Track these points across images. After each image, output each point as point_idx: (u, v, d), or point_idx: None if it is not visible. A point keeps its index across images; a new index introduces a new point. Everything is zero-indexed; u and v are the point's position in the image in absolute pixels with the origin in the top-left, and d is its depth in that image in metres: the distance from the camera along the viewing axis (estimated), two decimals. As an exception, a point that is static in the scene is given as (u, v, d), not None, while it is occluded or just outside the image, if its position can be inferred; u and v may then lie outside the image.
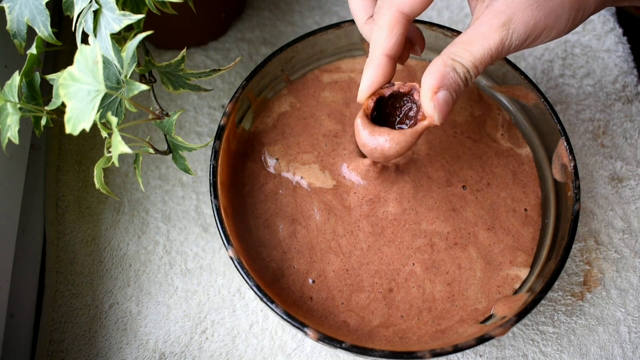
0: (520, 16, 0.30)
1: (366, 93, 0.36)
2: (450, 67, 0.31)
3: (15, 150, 0.45)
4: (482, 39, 0.31)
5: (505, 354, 0.43)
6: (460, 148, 0.43)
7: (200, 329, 0.44)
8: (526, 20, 0.30)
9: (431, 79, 0.32)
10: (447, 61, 0.32)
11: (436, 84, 0.32)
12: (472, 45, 0.31)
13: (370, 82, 0.35)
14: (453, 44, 0.32)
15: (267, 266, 0.39)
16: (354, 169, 0.41)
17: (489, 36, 0.30)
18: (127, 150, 0.30)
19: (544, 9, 0.30)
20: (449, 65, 0.31)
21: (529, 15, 0.30)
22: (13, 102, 0.34)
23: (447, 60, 0.32)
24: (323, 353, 0.44)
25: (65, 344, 0.44)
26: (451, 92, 0.32)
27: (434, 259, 0.40)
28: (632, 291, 0.45)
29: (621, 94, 0.53)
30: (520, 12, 0.30)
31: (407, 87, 0.35)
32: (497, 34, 0.30)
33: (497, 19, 0.30)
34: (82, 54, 0.29)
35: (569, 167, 0.39)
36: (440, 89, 0.32)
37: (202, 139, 0.51)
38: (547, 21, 0.30)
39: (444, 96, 0.32)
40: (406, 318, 0.38)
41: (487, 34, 0.30)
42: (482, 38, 0.31)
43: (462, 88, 0.32)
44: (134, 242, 0.47)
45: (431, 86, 0.32)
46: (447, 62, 0.31)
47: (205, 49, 0.55)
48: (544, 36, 0.31)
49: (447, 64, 0.31)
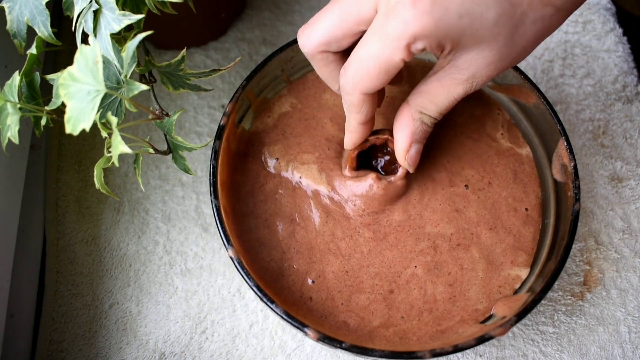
0: (483, 73, 0.31)
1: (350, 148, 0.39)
2: (418, 120, 0.34)
3: (15, 150, 0.45)
4: (447, 91, 0.32)
5: (505, 354, 0.43)
6: (460, 148, 0.43)
7: (200, 329, 0.44)
8: (489, 74, 0.31)
9: (402, 139, 0.35)
10: (415, 115, 0.34)
11: (408, 142, 0.35)
12: (437, 97, 0.33)
13: (352, 143, 0.38)
14: (418, 94, 0.34)
15: (267, 266, 0.39)
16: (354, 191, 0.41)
17: (453, 89, 0.32)
18: (127, 150, 0.30)
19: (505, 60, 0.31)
20: (417, 119, 0.34)
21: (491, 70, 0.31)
22: (13, 102, 0.34)
23: (415, 114, 0.34)
24: (323, 353, 0.44)
25: (65, 344, 0.44)
26: (421, 141, 0.36)
27: (437, 260, 0.40)
28: (632, 291, 0.45)
29: (621, 94, 0.53)
30: (483, 69, 0.31)
31: (381, 140, 0.39)
32: (461, 87, 0.32)
33: (460, 74, 0.31)
34: (82, 54, 0.29)
35: (569, 167, 0.39)
36: (412, 145, 0.35)
37: (202, 139, 0.51)
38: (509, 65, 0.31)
39: (415, 149, 0.36)
40: (407, 319, 0.38)
41: (452, 87, 0.32)
42: (447, 91, 0.32)
43: (430, 131, 0.35)
44: (134, 242, 0.47)
45: (404, 146, 0.35)
46: (415, 117, 0.34)
47: (205, 49, 0.55)
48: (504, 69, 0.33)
49: (415, 118, 0.34)
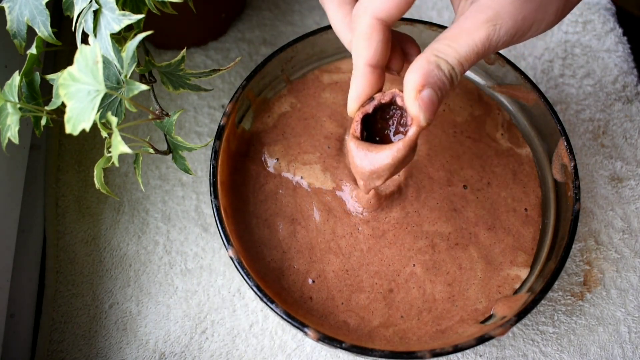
0: (508, 11, 0.28)
1: (354, 105, 0.34)
2: (434, 64, 0.29)
3: (15, 150, 0.45)
4: (467, 34, 0.29)
5: (505, 354, 0.43)
6: (460, 148, 0.43)
7: (200, 329, 0.44)
8: (514, 14, 0.28)
9: (414, 77, 0.30)
10: (431, 58, 0.29)
11: (420, 81, 0.29)
12: (456, 42, 0.29)
13: (357, 94, 0.33)
14: (437, 40, 0.30)
15: (267, 266, 0.39)
16: (357, 199, 0.41)
17: (474, 32, 0.28)
18: (127, 150, 0.30)
19: (532, 2, 0.28)
20: (433, 62, 0.29)
21: (517, 9, 0.28)
22: (13, 102, 0.34)
23: (431, 57, 0.29)
24: (323, 353, 0.44)
25: (65, 344, 0.44)
26: (436, 90, 0.30)
27: (435, 259, 0.40)
28: (632, 291, 0.45)
29: (621, 94, 0.53)
30: (508, 6, 0.28)
31: (388, 95, 0.33)
32: (483, 29, 0.28)
33: (482, 13, 0.28)
34: (82, 54, 0.29)
35: (569, 167, 0.39)
36: (425, 87, 0.30)
37: (202, 139, 0.51)
38: (536, 15, 0.29)
39: (429, 94, 0.30)
40: (406, 318, 0.38)
41: (472, 30, 0.28)
42: (467, 34, 0.29)
43: (448, 86, 0.30)
44: (134, 242, 0.47)
45: (415, 85, 0.30)
46: (431, 59, 0.29)
47: (205, 49, 0.55)
48: (533, 30, 0.30)
49: (431, 61, 0.29)
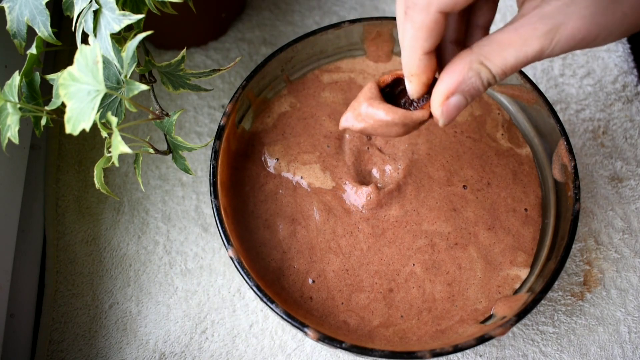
0: (570, 27, 0.26)
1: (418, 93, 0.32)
2: (474, 71, 0.28)
3: (15, 150, 0.45)
4: (521, 43, 0.27)
5: (505, 354, 0.43)
6: (460, 148, 0.43)
7: (200, 329, 0.44)
8: (574, 32, 0.26)
9: (447, 82, 0.29)
10: (474, 65, 0.28)
11: (451, 89, 0.29)
12: (506, 49, 0.27)
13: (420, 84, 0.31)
14: (488, 40, 0.28)
15: (267, 266, 0.39)
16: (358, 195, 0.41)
17: (529, 42, 0.27)
18: (127, 150, 0.30)
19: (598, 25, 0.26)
20: (475, 69, 0.28)
21: (580, 27, 0.26)
22: (13, 102, 0.34)
23: (474, 64, 0.28)
24: (323, 353, 0.44)
25: (65, 344, 0.44)
26: (466, 96, 0.29)
27: (435, 259, 0.40)
28: (632, 291, 0.45)
29: (621, 94, 0.53)
30: (572, 22, 0.26)
31: None
32: (539, 41, 0.26)
33: (543, 24, 0.26)
34: (82, 54, 0.29)
35: (569, 167, 0.39)
36: (455, 94, 0.29)
37: (202, 139, 0.51)
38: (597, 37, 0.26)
39: (456, 101, 0.29)
40: (406, 318, 0.38)
41: (528, 39, 0.27)
42: (521, 42, 0.27)
43: (480, 92, 0.29)
44: (134, 242, 0.47)
45: (445, 90, 0.29)
46: (474, 66, 0.28)
47: (205, 49, 0.55)
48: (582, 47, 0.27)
49: (473, 68, 0.28)
